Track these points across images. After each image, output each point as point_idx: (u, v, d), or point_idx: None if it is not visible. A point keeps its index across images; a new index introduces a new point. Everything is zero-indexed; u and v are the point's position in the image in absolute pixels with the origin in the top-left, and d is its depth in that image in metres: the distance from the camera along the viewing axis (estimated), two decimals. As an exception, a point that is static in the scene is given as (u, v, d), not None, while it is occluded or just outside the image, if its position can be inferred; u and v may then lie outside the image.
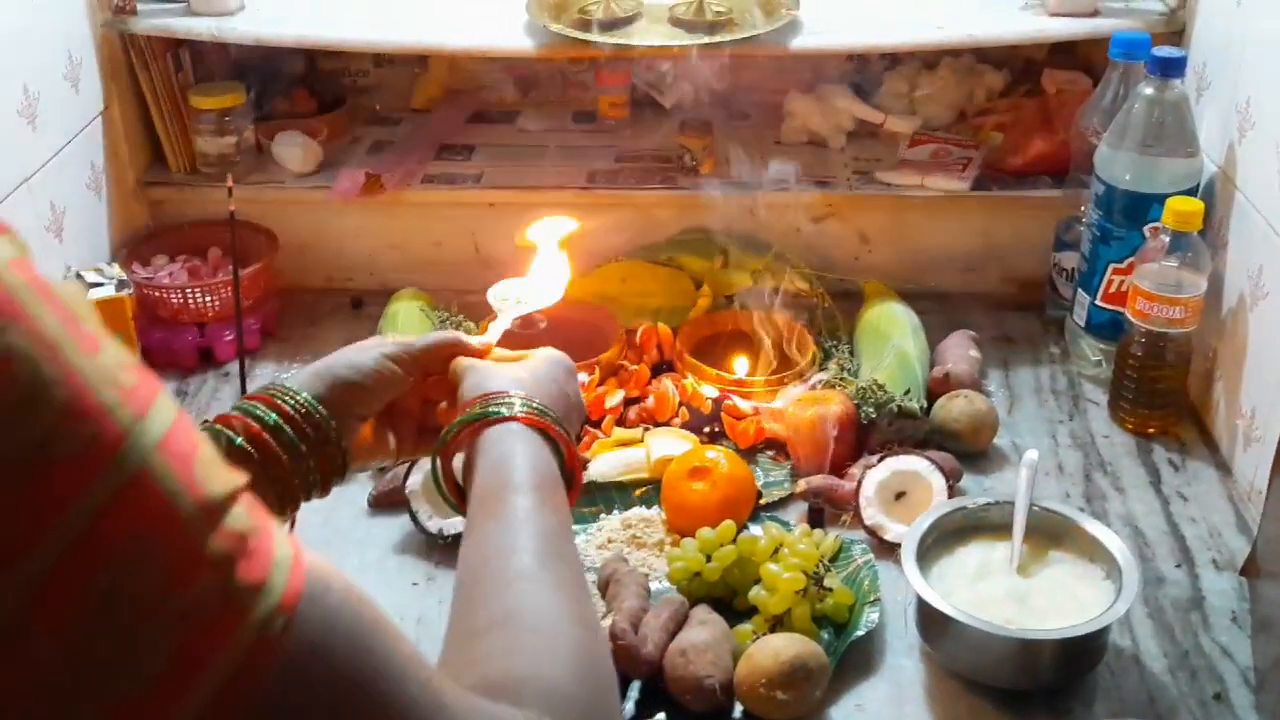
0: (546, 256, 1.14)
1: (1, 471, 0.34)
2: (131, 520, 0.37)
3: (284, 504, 0.85)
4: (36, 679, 0.36)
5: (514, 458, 0.79)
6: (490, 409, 0.83)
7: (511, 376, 0.88)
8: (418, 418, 0.96)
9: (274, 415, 0.83)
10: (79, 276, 1.47)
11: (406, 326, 1.58)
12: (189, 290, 1.61)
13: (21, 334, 0.36)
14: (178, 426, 0.40)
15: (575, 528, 1.33)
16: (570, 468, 0.84)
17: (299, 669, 0.41)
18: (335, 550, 1.29)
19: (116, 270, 1.50)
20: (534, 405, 0.84)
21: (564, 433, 0.84)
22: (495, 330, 1.03)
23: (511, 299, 1.10)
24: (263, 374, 1.59)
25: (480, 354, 0.95)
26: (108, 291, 1.44)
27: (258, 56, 1.79)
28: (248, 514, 0.42)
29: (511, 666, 0.57)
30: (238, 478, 0.42)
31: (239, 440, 0.81)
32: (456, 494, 0.85)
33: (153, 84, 1.70)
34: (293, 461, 0.84)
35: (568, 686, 0.57)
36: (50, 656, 0.36)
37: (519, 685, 0.56)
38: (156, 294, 1.60)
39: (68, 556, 0.36)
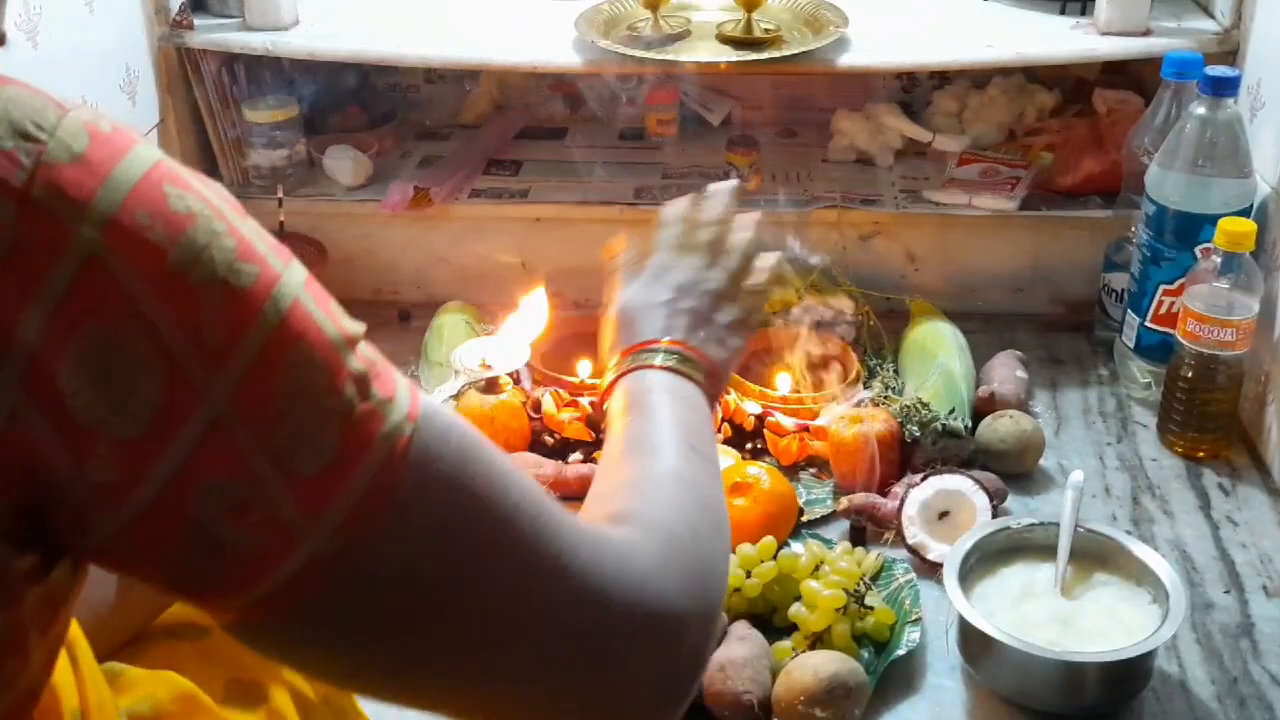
0: (519, 321, 1.12)
1: (201, 295, 0.45)
2: (295, 338, 0.47)
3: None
4: (239, 462, 0.46)
5: (655, 396, 0.76)
6: (636, 364, 0.79)
7: (654, 319, 0.82)
8: None
9: None
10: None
11: (452, 339, 1.59)
12: (239, 300, 1.62)
13: (195, 199, 0.46)
14: (311, 277, 0.50)
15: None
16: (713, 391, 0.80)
17: (422, 469, 0.50)
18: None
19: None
20: (675, 355, 0.79)
21: (702, 366, 0.79)
22: (441, 394, 1.01)
23: (473, 363, 1.10)
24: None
25: None
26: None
27: (311, 71, 1.81)
28: (372, 349, 0.51)
29: (625, 502, 0.64)
30: (360, 324, 0.51)
31: None
32: None
33: (208, 97, 1.72)
34: None
35: (676, 525, 0.62)
36: (249, 442, 0.46)
37: (626, 514, 0.62)
38: (207, 304, 1.62)
39: (255, 362, 0.46)
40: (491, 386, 1.10)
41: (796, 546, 1.29)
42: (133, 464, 0.45)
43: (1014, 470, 1.41)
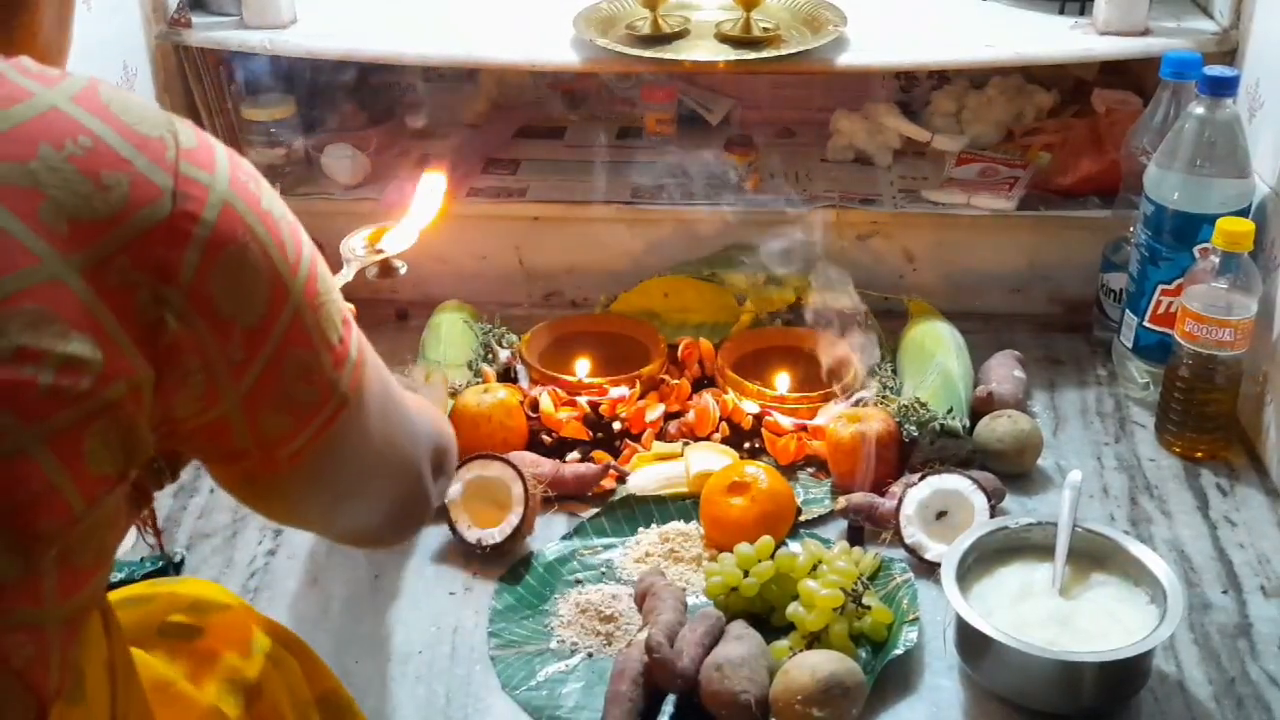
0: (414, 207, 1.10)
1: (282, 224, 0.64)
2: (320, 260, 0.67)
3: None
4: (308, 338, 0.65)
5: None
6: None
7: None
8: None
9: None
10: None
11: (449, 338, 1.59)
12: (236, 299, 1.62)
13: (256, 170, 0.65)
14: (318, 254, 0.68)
15: (613, 540, 1.33)
16: None
17: (366, 347, 0.72)
18: (374, 557, 1.30)
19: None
20: None
21: None
22: (339, 279, 1.01)
23: (360, 249, 1.07)
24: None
25: None
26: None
27: (309, 69, 1.81)
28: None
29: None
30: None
31: None
32: None
33: (205, 95, 1.72)
34: None
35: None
36: (312, 324, 0.65)
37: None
38: (204, 302, 1.62)
39: (310, 270, 0.65)
40: (385, 270, 1.08)
41: (794, 546, 1.29)
42: (253, 345, 0.62)
43: (1012, 470, 1.41)
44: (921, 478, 1.31)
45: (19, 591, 0.56)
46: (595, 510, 1.37)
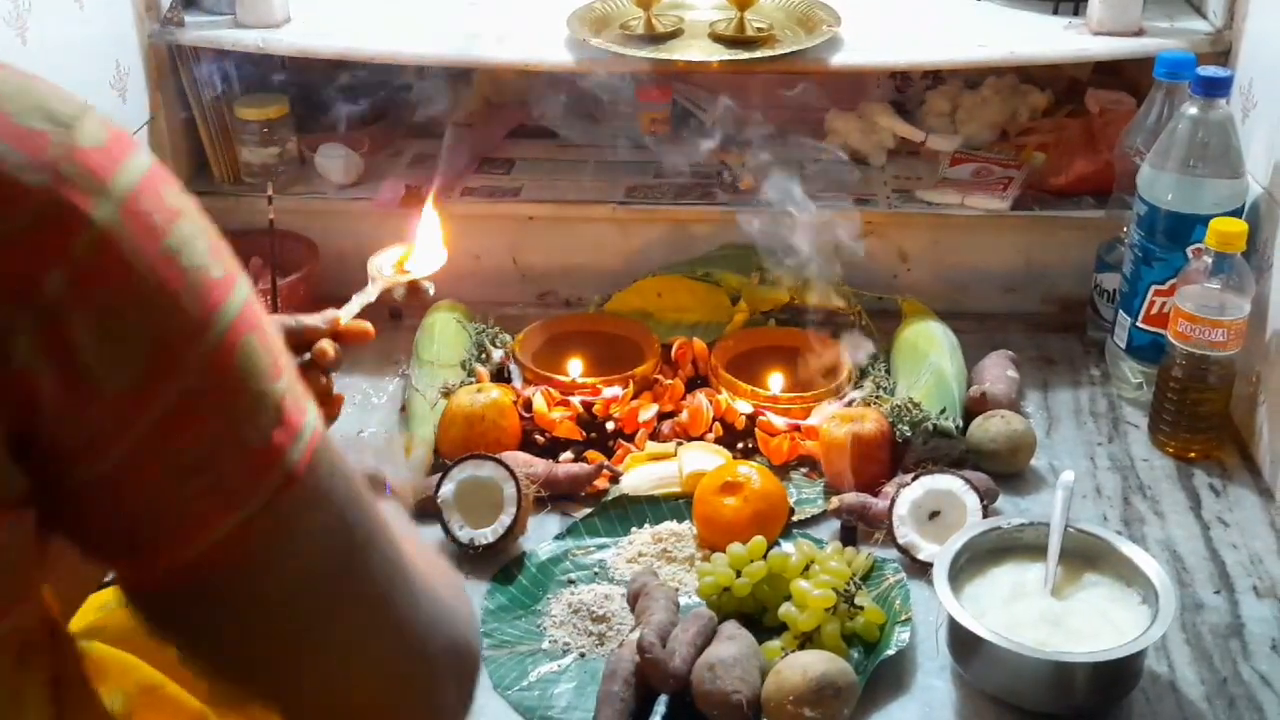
0: (427, 227, 1.11)
1: (187, 276, 0.52)
2: (250, 327, 0.54)
3: None
4: (202, 427, 0.52)
5: None
6: None
7: None
8: None
9: None
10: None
11: (443, 338, 1.59)
12: (229, 298, 1.62)
13: (184, 199, 0.54)
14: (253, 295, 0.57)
15: (606, 540, 1.33)
16: None
17: (330, 469, 0.58)
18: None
19: (159, 277, 1.52)
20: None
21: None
22: (355, 304, 1.01)
23: (389, 269, 1.08)
24: (300, 382, 1.59)
25: (324, 334, 0.96)
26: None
27: (302, 68, 1.80)
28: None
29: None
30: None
31: None
32: None
33: (199, 95, 1.72)
34: None
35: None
36: (212, 410, 0.53)
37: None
38: (198, 301, 1.62)
39: (222, 341, 0.53)
40: (413, 292, 1.09)
41: (787, 546, 1.29)
42: (119, 416, 0.51)
43: (1005, 470, 1.41)
44: (914, 478, 1.31)
45: None
46: (588, 510, 1.37)
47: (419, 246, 1.11)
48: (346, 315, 0.99)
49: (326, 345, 0.96)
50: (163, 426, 0.51)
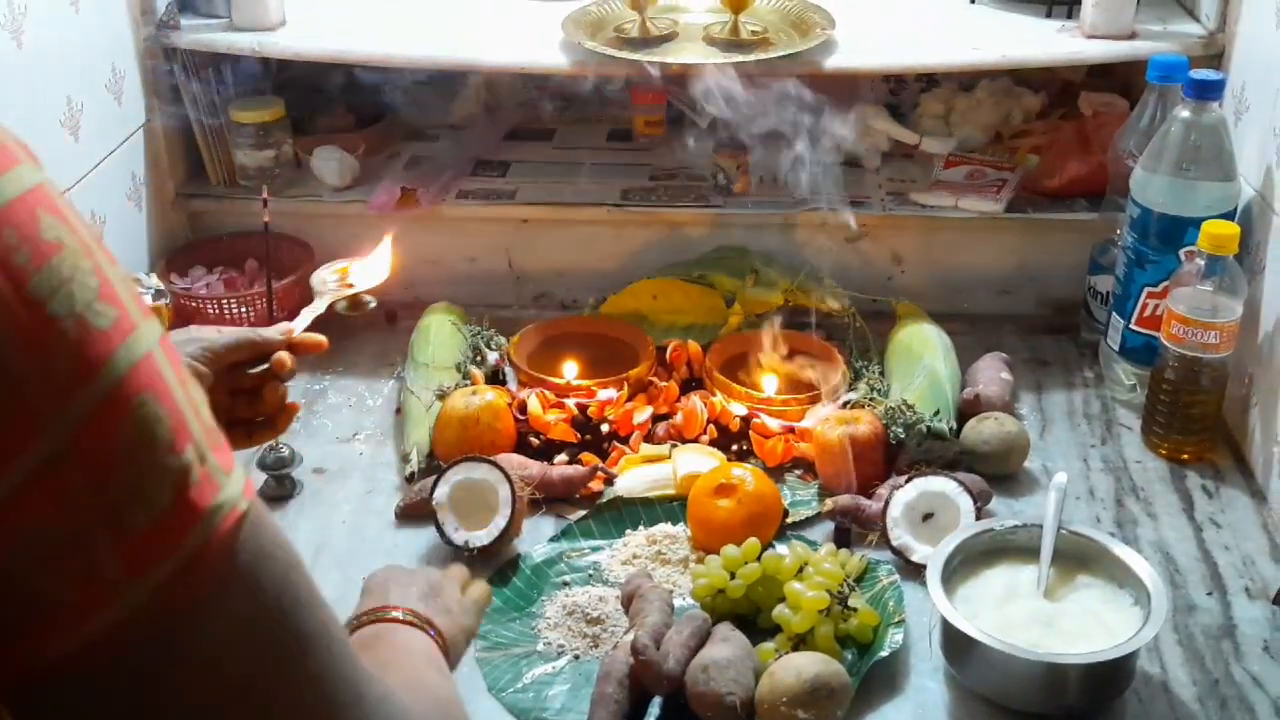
0: (375, 249, 1.17)
1: (57, 326, 0.43)
2: (143, 388, 0.46)
3: None
4: (68, 507, 0.44)
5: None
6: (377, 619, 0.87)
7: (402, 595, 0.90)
8: (226, 411, 1.00)
9: None
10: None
11: (438, 340, 1.59)
12: (225, 301, 1.63)
13: (67, 231, 0.45)
14: (167, 339, 0.49)
15: (601, 543, 1.33)
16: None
17: (254, 554, 0.49)
18: (361, 560, 1.30)
19: (154, 280, 1.52)
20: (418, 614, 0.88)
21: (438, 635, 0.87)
22: (305, 317, 1.07)
23: (332, 283, 1.13)
24: (294, 385, 1.59)
25: (280, 345, 1.02)
26: (145, 301, 1.46)
27: (298, 71, 1.81)
28: (214, 422, 0.50)
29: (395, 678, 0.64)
30: (202, 393, 0.51)
31: None
32: None
33: (194, 98, 1.72)
34: None
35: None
36: (82, 487, 0.44)
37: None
38: (193, 304, 1.62)
39: (101, 405, 0.44)
40: (355, 305, 1.15)
41: (781, 548, 1.29)
42: None
43: (998, 472, 1.41)
44: (908, 480, 1.32)
45: None
46: (583, 512, 1.38)
47: (361, 261, 1.16)
48: (299, 327, 1.06)
49: (285, 356, 1.02)
50: (16, 501, 0.43)
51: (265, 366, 1.02)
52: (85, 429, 0.44)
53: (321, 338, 1.06)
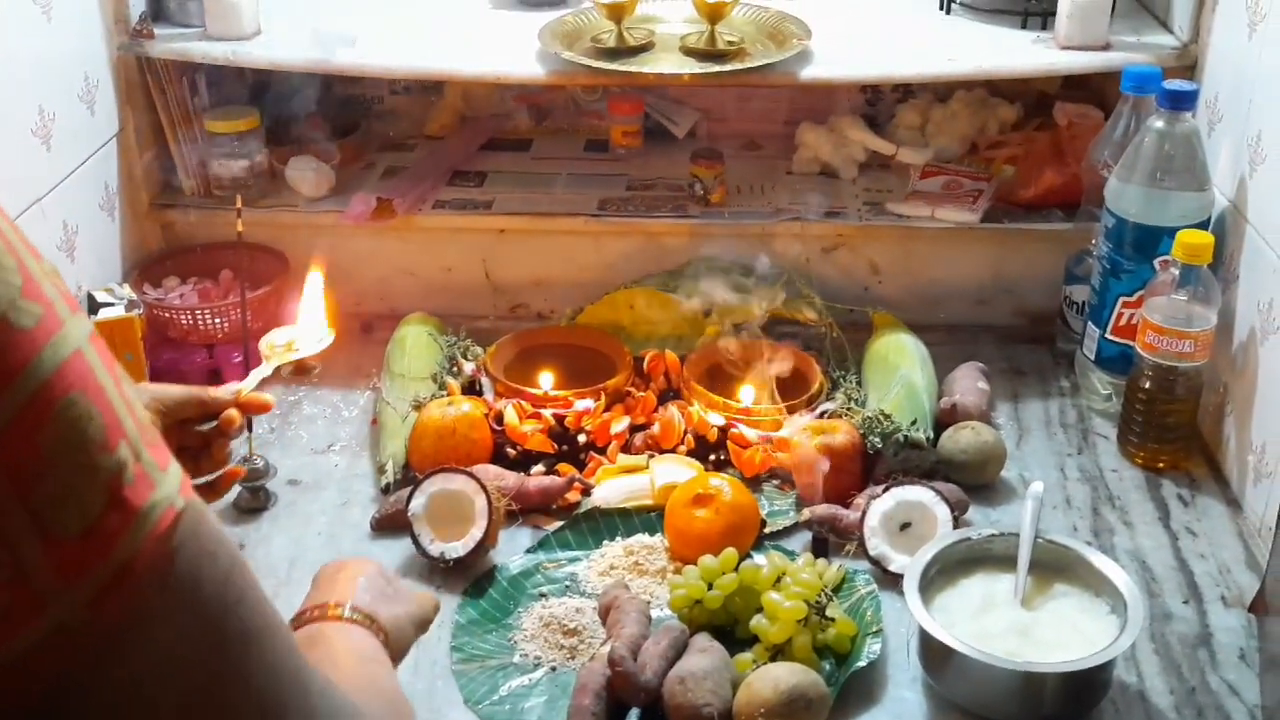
0: (311, 305, 1.22)
1: None
2: (71, 388, 0.44)
3: None
4: None
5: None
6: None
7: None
8: None
9: None
10: (90, 297, 1.48)
11: (414, 351, 1.58)
12: (198, 312, 1.61)
13: None
14: (98, 335, 0.47)
15: (578, 553, 1.33)
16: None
17: (193, 555, 0.48)
18: (337, 572, 1.29)
19: (127, 291, 1.51)
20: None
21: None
22: (253, 378, 1.13)
23: (280, 347, 1.19)
24: (269, 393, 1.58)
25: (228, 404, 1.06)
26: (117, 311, 1.45)
27: (273, 81, 1.80)
28: (150, 420, 0.49)
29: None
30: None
31: None
32: None
33: (168, 107, 1.71)
34: None
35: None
36: (5, 494, 0.42)
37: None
38: (166, 315, 1.61)
39: (25, 409, 0.42)
40: (300, 370, 1.21)
41: (758, 558, 1.29)
42: None
43: (975, 481, 1.41)
44: (885, 489, 1.32)
45: None
46: (560, 523, 1.37)
47: (306, 327, 1.21)
48: (247, 387, 1.11)
49: (233, 413, 1.06)
50: None
51: (214, 424, 1.06)
52: (7, 434, 0.41)
53: (269, 398, 1.12)
